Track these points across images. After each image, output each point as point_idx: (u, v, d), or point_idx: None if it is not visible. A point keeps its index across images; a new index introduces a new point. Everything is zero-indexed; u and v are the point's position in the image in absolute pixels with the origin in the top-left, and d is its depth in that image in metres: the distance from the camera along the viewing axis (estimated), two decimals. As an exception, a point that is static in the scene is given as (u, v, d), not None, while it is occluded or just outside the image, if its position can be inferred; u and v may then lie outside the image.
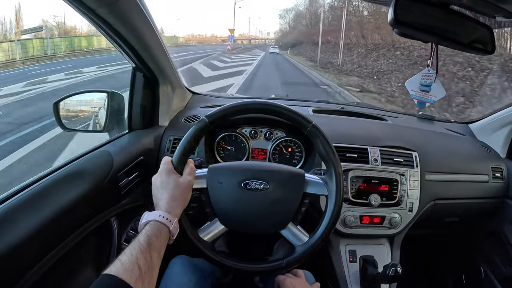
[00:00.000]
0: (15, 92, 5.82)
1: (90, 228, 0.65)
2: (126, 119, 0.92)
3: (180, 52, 21.42)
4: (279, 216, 0.63)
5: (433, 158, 0.93)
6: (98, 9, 0.59)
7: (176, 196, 0.55)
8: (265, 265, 0.63)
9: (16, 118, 4.20)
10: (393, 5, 0.55)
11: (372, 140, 0.91)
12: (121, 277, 0.39)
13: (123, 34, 0.69)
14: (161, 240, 0.49)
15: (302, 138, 0.95)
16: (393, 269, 0.69)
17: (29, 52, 11.87)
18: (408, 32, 0.63)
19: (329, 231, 0.62)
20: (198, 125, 0.61)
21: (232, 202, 0.62)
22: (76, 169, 0.66)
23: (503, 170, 1.00)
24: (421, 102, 0.75)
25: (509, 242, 0.98)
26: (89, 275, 0.69)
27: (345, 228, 0.85)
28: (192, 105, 1.11)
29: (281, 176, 0.63)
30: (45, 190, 0.58)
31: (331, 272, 0.86)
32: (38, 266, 0.52)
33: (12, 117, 4.30)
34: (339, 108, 1.20)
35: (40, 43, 12.85)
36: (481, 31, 0.61)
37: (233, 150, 0.96)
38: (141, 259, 0.43)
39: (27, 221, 0.51)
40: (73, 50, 15.87)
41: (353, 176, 0.84)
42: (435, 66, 0.68)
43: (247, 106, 0.64)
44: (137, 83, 0.88)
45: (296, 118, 0.64)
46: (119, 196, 0.75)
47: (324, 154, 0.63)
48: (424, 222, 0.93)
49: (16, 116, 4.36)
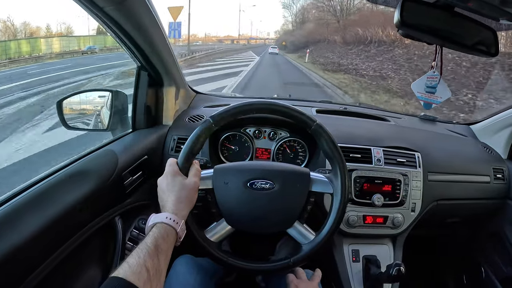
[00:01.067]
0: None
1: (95, 228, 0.65)
2: (129, 118, 0.92)
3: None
4: (285, 215, 0.63)
5: (435, 159, 0.94)
6: (106, 7, 0.59)
7: (182, 198, 0.55)
8: (272, 264, 0.63)
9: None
10: (399, 7, 0.55)
11: (375, 140, 0.91)
12: (129, 279, 0.39)
13: (130, 33, 0.69)
14: (168, 242, 0.49)
15: (306, 138, 0.95)
16: (396, 268, 0.69)
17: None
18: (413, 34, 0.64)
19: (335, 228, 0.62)
20: (203, 126, 0.61)
21: (238, 202, 0.62)
22: (81, 168, 0.66)
23: (505, 171, 1.01)
24: (427, 104, 0.77)
25: (510, 243, 0.98)
26: (94, 274, 0.69)
27: (349, 227, 0.85)
28: (196, 105, 1.12)
29: (287, 175, 0.64)
30: (50, 189, 0.58)
31: (334, 271, 0.86)
32: (43, 266, 0.52)
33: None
34: (342, 109, 1.21)
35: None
36: (485, 33, 0.62)
37: (237, 149, 0.97)
38: (148, 262, 0.43)
39: (32, 220, 0.51)
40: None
41: (357, 176, 0.84)
42: (439, 67, 0.69)
43: (251, 106, 0.64)
44: (142, 82, 0.88)
45: (301, 117, 0.64)
46: (124, 195, 0.75)
47: (329, 152, 0.64)
48: (426, 222, 0.94)
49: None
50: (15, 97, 5.24)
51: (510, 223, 1.00)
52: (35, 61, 9.86)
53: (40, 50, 12.80)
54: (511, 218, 0.99)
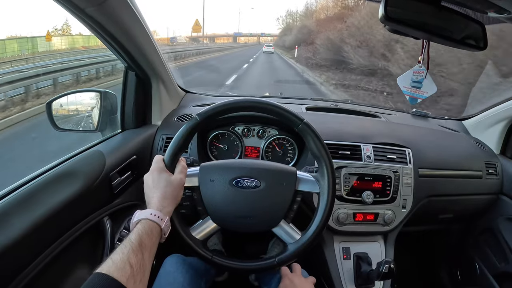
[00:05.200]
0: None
1: (83, 228, 0.65)
2: (119, 119, 0.92)
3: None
4: (271, 214, 0.63)
5: (426, 154, 0.93)
6: (87, 8, 0.58)
7: (168, 195, 0.55)
8: (257, 263, 0.63)
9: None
10: (383, 2, 0.54)
11: (365, 137, 0.91)
12: (113, 275, 0.39)
13: (114, 33, 0.68)
14: (153, 238, 0.49)
15: (295, 136, 0.95)
16: (386, 265, 0.69)
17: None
18: (399, 29, 0.62)
19: (321, 228, 0.62)
20: (189, 123, 0.61)
21: (223, 200, 0.62)
22: (68, 169, 0.66)
23: (497, 166, 1.00)
24: (413, 98, 0.76)
25: (503, 238, 0.98)
26: (82, 275, 0.68)
27: (338, 225, 0.85)
28: (185, 104, 1.11)
29: (273, 174, 0.63)
30: (38, 190, 0.58)
31: (325, 269, 0.86)
32: (31, 266, 0.52)
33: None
34: (332, 106, 1.20)
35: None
36: (473, 27, 0.61)
37: (226, 148, 0.96)
38: (132, 258, 0.43)
39: (20, 221, 0.51)
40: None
41: (346, 173, 0.84)
42: (426, 62, 0.68)
43: (238, 104, 0.63)
44: (129, 82, 0.88)
45: (287, 115, 0.63)
46: (112, 195, 0.74)
47: (316, 151, 0.63)
48: (419, 219, 0.94)
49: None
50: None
51: (503, 218, 1.00)
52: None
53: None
54: (504, 213, 0.99)
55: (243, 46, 41.32)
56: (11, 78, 3.77)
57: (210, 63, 13.56)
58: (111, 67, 5.93)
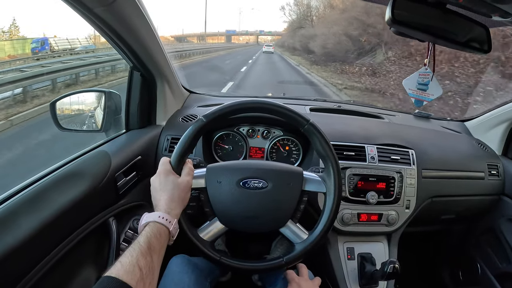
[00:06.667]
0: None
1: (89, 229, 0.65)
2: (123, 119, 0.92)
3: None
4: (278, 214, 0.63)
5: (429, 155, 0.94)
6: (96, 8, 0.58)
7: (175, 197, 0.55)
8: (265, 263, 0.63)
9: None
10: (391, 5, 0.55)
11: (369, 138, 0.91)
12: (122, 278, 0.39)
13: (121, 33, 0.68)
14: (161, 241, 0.49)
15: (300, 136, 0.95)
16: (391, 266, 0.69)
17: None
18: (405, 31, 0.63)
19: (328, 228, 0.62)
20: (196, 125, 0.61)
21: (231, 201, 0.62)
22: (75, 169, 0.66)
23: (499, 167, 1.01)
24: (419, 101, 0.77)
25: (505, 238, 0.99)
26: (88, 276, 0.68)
27: (343, 225, 0.85)
28: (189, 104, 1.11)
29: (280, 174, 0.64)
30: (44, 191, 0.58)
31: (329, 269, 0.87)
32: (37, 267, 0.52)
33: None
34: (336, 107, 1.21)
35: None
36: (478, 30, 0.62)
37: (230, 149, 0.96)
38: (141, 261, 0.43)
39: (27, 222, 0.51)
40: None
41: (351, 174, 0.84)
42: (432, 65, 0.69)
43: (244, 105, 0.64)
44: (135, 82, 0.88)
45: (293, 116, 0.64)
46: (117, 196, 0.74)
47: (322, 151, 0.64)
48: (421, 219, 0.94)
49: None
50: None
51: (505, 219, 1.00)
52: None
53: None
54: (506, 214, 1.00)
55: (237, 47, 37.61)
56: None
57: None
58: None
